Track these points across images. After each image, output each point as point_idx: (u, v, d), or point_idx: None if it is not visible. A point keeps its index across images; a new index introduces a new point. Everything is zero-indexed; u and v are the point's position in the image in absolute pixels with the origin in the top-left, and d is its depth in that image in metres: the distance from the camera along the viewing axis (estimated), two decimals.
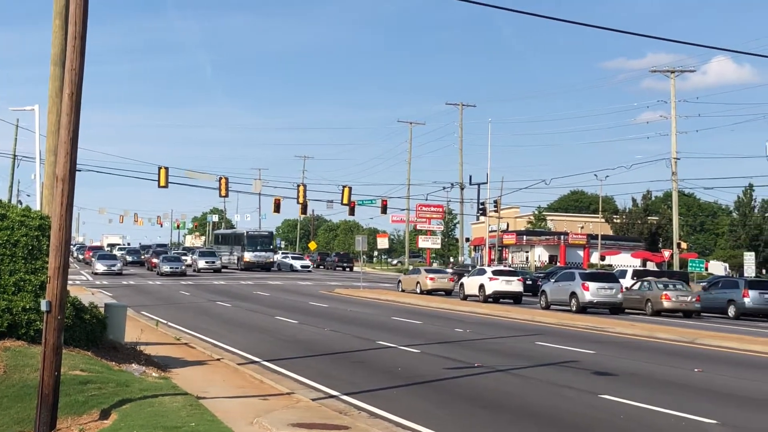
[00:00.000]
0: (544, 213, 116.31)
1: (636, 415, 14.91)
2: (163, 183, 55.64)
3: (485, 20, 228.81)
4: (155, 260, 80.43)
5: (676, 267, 70.23)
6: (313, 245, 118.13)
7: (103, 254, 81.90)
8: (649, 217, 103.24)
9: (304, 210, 79.59)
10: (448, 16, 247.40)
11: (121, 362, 17.46)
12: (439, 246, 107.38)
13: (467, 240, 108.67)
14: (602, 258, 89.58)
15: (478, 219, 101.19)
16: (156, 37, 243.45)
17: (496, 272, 51.88)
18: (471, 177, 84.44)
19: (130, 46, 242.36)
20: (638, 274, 53.02)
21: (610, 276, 46.89)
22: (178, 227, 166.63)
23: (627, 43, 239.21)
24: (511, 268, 63.02)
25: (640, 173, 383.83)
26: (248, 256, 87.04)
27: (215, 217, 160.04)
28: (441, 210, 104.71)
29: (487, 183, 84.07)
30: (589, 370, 20.43)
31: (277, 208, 75.78)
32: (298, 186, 67.10)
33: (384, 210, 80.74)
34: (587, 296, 43.04)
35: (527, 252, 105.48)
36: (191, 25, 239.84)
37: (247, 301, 44.45)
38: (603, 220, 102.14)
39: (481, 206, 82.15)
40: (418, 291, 55.82)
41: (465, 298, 51.32)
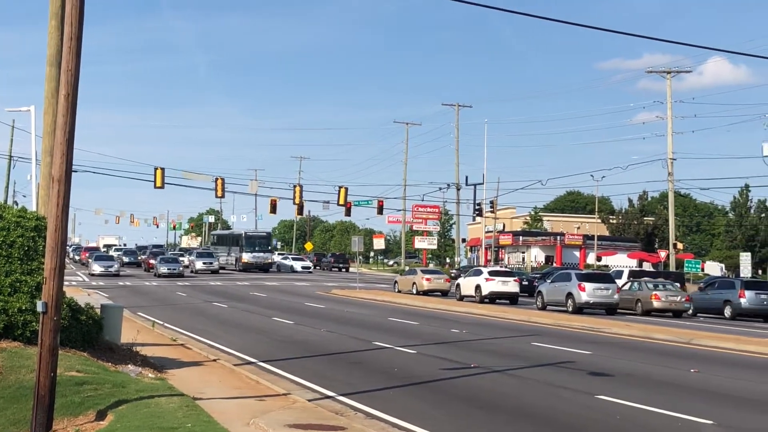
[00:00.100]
0: (541, 213, 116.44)
1: (632, 415, 14.94)
2: (159, 184, 55.63)
3: (482, 21, 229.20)
4: (152, 261, 78.96)
5: (673, 267, 70.24)
6: (309, 246, 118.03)
7: (100, 255, 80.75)
8: (646, 218, 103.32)
9: (301, 211, 79.81)
10: (444, 16, 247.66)
11: (117, 363, 17.45)
12: (436, 247, 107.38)
13: (463, 241, 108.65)
14: (598, 258, 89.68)
15: (475, 219, 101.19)
16: (152, 38, 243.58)
17: (492, 273, 51.89)
18: (467, 177, 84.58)
19: (127, 47, 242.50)
20: (634, 275, 53.11)
21: (606, 277, 46.93)
22: (174, 228, 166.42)
23: (623, 44, 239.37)
24: (507, 269, 63.03)
25: (637, 174, 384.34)
26: (246, 257, 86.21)
27: (211, 218, 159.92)
28: (437, 211, 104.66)
29: (484, 183, 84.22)
30: (585, 370, 20.45)
31: (274, 209, 75.83)
32: (295, 187, 67.20)
33: (380, 211, 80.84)
34: (583, 297, 43.06)
35: (523, 252, 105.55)
36: (188, 25, 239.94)
37: (244, 302, 44.42)
38: (599, 221, 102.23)
39: (477, 207, 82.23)
40: (415, 292, 55.77)
41: (461, 298, 51.34)
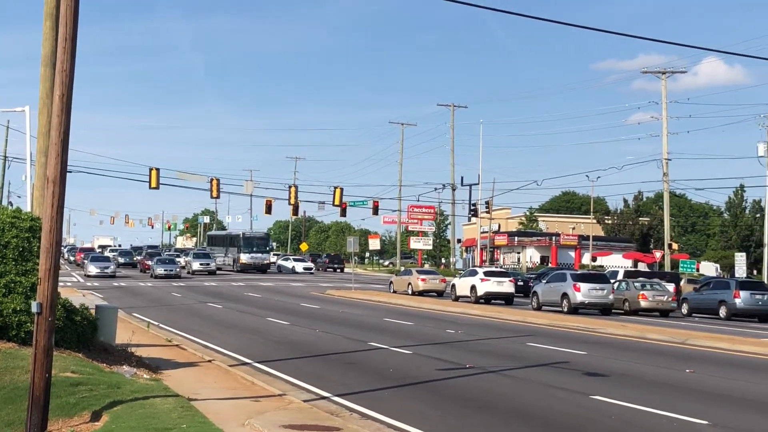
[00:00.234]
0: (536, 214, 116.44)
1: (627, 415, 14.94)
2: (154, 184, 55.56)
3: (477, 21, 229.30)
4: (148, 262, 78.10)
5: (668, 268, 70.29)
6: (304, 246, 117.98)
7: (96, 256, 79.73)
8: (641, 218, 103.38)
9: (296, 211, 79.59)
10: (439, 17, 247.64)
11: (112, 364, 17.43)
12: (431, 247, 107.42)
13: (459, 241, 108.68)
14: (594, 259, 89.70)
15: (470, 220, 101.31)
16: (147, 39, 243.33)
17: (487, 273, 51.92)
18: (462, 178, 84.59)
19: (122, 48, 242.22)
20: (629, 275, 53.12)
21: (601, 277, 46.94)
22: (169, 228, 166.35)
23: (618, 44, 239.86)
24: (502, 269, 63.05)
25: (632, 174, 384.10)
26: (244, 258, 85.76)
27: (206, 219, 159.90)
28: (432, 211, 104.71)
29: (479, 184, 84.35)
30: (580, 370, 20.46)
31: (269, 210, 75.76)
32: (290, 187, 67.14)
33: (375, 211, 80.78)
34: (579, 297, 43.07)
35: (519, 253, 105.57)
36: (182, 26, 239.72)
37: (239, 303, 44.39)
38: (594, 221, 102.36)
39: (472, 207, 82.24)
40: (410, 292, 55.78)
41: (456, 299, 51.36)
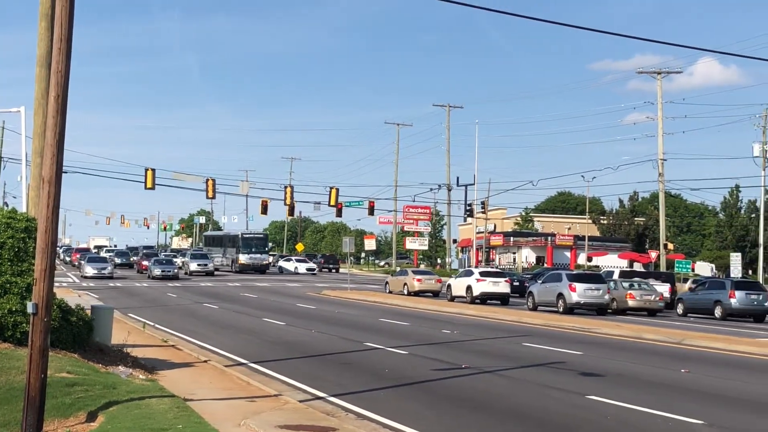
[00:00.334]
0: (531, 214, 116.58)
1: (623, 415, 14.96)
2: (149, 185, 55.55)
3: (473, 22, 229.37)
4: (146, 263, 76.97)
5: (663, 268, 70.33)
6: (300, 247, 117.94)
7: (93, 257, 78.56)
8: (636, 218, 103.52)
9: (292, 211, 79.66)
10: (435, 17, 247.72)
11: (107, 364, 17.41)
12: (427, 247, 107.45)
13: (454, 241, 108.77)
14: (589, 259, 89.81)
15: (466, 220, 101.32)
16: (142, 39, 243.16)
17: (483, 273, 51.93)
18: (458, 178, 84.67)
19: (118, 48, 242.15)
20: (625, 275, 53.17)
21: (597, 277, 46.93)
22: (165, 229, 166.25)
23: (614, 45, 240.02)
24: (498, 270, 63.04)
25: (627, 174, 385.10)
26: (243, 259, 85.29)
27: (202, 219, 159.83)
28: (428, 211, 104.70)
29: (475, 184, 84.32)
30: (576, 371, 20.47)
31: (265, 210, 75.73)
32: (286, 187, 67.18)
33: (371, 211, 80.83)
34: (574, 297, 43.09)
35: (514, 253, 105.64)
36: (178, 27, 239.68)
37: (235, 303, 44.36)
38: (590, 221, 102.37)
39: (468, 207, 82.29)
40: (406, 292, 55.77)
41: (452, 299, 51.35)
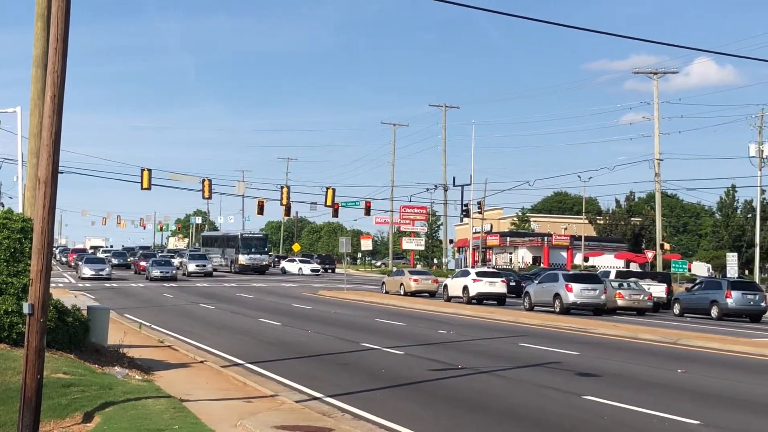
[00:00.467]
0: (528, 214, 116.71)
1: (619, 415, 14.97)
2: (146, 185, 55.47)
3: (469, 22, 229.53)
4: (143, 263, 76.25)
5: (659, 268, 70.41)
6: (296, 247, 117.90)
7: (90, 257, 77.09)
8: (632, 218, 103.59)
9: (288, 212, 79.67)
10: (432, 18, 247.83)
11: (104, 365, 17.40)
12: (423, 247, 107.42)
13: (451, 241, 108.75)
14: (585, 259, 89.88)
15: (462, 220, 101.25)
16: (139, 40, 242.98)
17: (479, 274, 51.97)
18: (455, 178, 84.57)
19: (115, 48, 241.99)
20: (621, 276, 53.21)
21: (593, 277, 46.96)
22: (161, 229, 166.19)
23: (610, 45, 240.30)
24: (494, 270, 63.03)
25: (623, 174, 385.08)
26: (243, 259, 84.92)
27: (198, 219, 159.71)
28: (425, 211, 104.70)
29: (471, 184, 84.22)
30: (572, 371, 20.48)
31: (261, 210, 75.62)
32: (282, 188, 67.02)
33: (368, 212, 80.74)
34: (571, 297, 43.10)
35: (511, 253, 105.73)
36: (173, 26, 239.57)
37: (231, 304, 44.35)
38: (586, 222, 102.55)
39: (464, 208, 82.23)
40: (402, 293, 55.77)
41: (449, 299, 51.37)
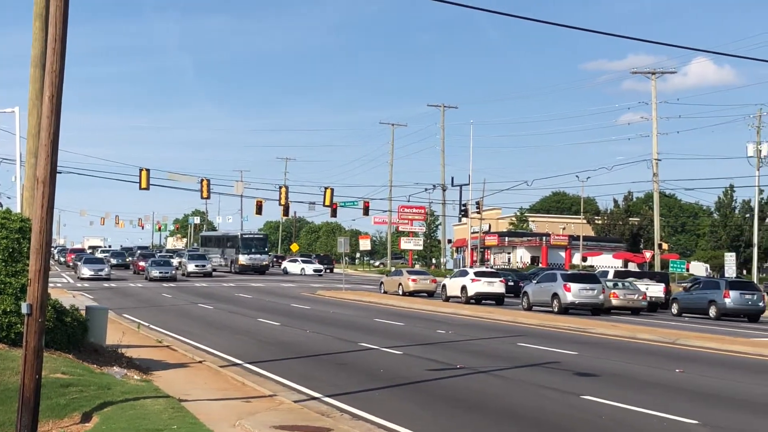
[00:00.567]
0: (526, 214, 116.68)
1: (618, 415, 14.97)
2: (144, 185, 55.45)
3: (468, 22, 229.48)
4: (142, 263, 75.54)
5: (658, 268, 70.42)
6: (295, 247, 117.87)
7: (89, 258, 76.36)
8: (631, 218, 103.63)
9: (286, 212, 79.51)
10: (430, 18, 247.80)
11: (102, 365, 17.39)
12: (421, 247, 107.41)
13: (449, 241, 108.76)
14: (584, 259, 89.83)
15: (460, 220, 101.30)
16: (137, 40, 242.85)
17: (478, 274, 51.97)
18: (453, 178, 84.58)
19: (113, 48, 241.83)
20: (619, 275, 53.22)
21: (591, 277, 46.93)
22: (160, 229, 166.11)
23: (608, 45, 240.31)
24: (493, 269, 63.03)
25: (622, 174, 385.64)
26: (243, 259, 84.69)
27: (197, 219, 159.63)
28: (423, 211, 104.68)
29: (470, 184, 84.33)
30: (571, 371, 20.48)
31: (259, 210, 75.58)
32: (280, 188, 67.02)
33: (366, 212, 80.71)
34: (569, 297, 43.09)
35: (509, 253, 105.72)
36: (172, 27, 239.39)
37: (230, 304, 44.33)
38: (584, 221, 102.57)
39: (463, 208, 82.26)
40: (401, 293, 55.77)
41: (447, 299, 51.37)
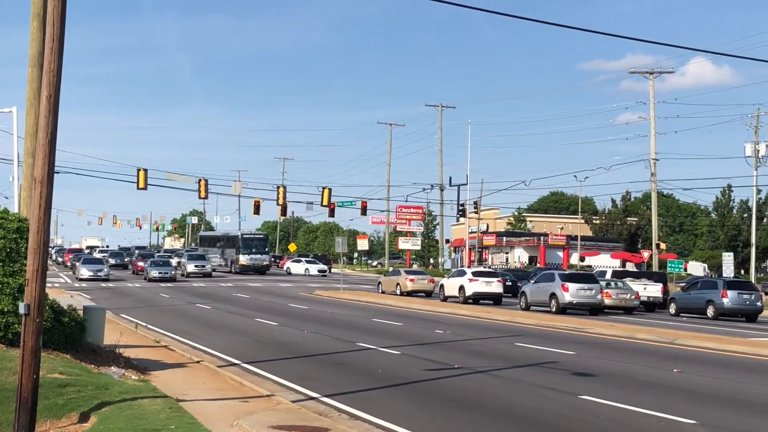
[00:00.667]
0: (524, 214, 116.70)
1: (616, 415, 14.97)
2: (142, 185, 55.47)
3: (466, 22, 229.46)
4: (141, 264, 74.91)
5: (656, 267, 70.43)
6: (293, 247, 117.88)
7: (88, 258, 75.54)
8: (629, 218, 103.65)
9: (284, 212, 79.44)
10: (428, 18, 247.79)
11: (100, 365, 17.38)
12: (419, 247, 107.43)
13: (447, 241, 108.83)
14: (582, 259, 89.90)
15: (458, 220, 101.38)
16: (135, 39, 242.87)
17: (475, 273, 51.96)
18: (451, 178, 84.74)
19: (111, 48, 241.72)
20: (617, 275, 53.23)
21: (589, 277, 46.95)
22: (158, 229, 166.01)
23: (606, 45, 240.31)
24: (490, 269, 63.02)
25: (620, 174, 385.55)
26: (243, 260, 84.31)
27: (195, 219, 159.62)
28: (421, 211, 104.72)
29: (467, 184, 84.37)
30: (568, 370, 20.49)
31: (257, 210, 75.64)
32: (278, 188, 67.05)
33: (364, 211, 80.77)
34: (567, 297, 43.10)
35: (507, 253, 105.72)
36: (170, 26, 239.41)
37: (227, 304, 44.33)
38: (582, 221, 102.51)
39: (460, 207, 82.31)
40: (398, 292, 55.78)
41: (445, 299, 51.36)
